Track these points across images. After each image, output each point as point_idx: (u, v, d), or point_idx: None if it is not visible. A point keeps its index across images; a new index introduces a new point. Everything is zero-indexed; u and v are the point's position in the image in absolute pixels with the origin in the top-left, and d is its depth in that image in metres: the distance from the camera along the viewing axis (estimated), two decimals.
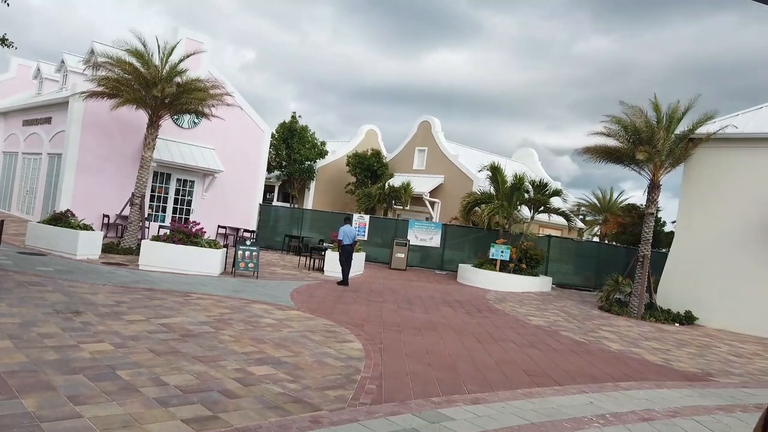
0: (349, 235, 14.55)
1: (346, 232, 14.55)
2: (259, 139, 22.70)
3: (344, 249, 14.49)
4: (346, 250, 14.48)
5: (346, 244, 14.48)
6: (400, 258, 20.17)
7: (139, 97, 15.29)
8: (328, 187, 33.04)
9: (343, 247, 14.50)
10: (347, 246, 14.49)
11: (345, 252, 14.47)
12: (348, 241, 14.50)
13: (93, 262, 13.22)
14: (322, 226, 22.34)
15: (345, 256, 14.48)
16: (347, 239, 14.49)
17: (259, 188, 22.92)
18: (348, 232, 14.58)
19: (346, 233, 14.53)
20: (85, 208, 18.02)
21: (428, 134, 31.72)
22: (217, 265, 13.64)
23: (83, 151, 17.94)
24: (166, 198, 20.21)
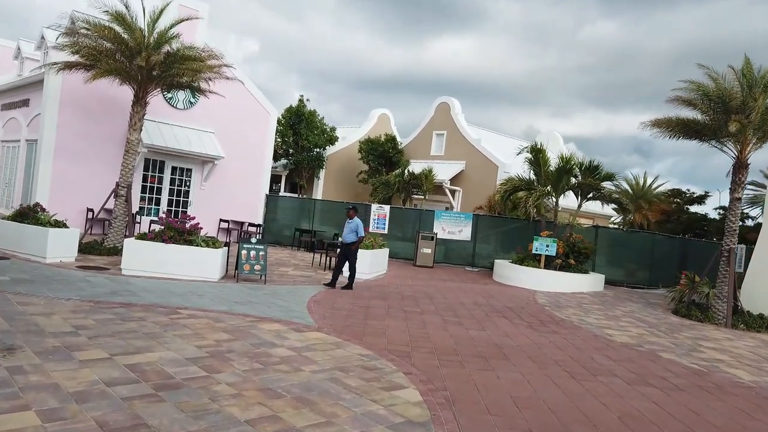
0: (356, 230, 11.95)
1: (354, 227, 11.89)
2: (264, 122, 20.22)
3: (347, 247, 11.86)
4: (347, 248, 11.88)
5: (349, 242, 11.84)
6: (426, 254, 17.74)
7: (120, 67, 12.83)
8: (338, 176, 30.62)
9: (347, 246, 11.88)
10: (350, 244, 11.86)
11: (352, 251, 11.85)
12: (353, 238, 11.86)
13: (66, 267, 10.86)
14: (335, 218, 19.89)
15: (353, 257, 11.93)
16: (354, 235, 11.87)
17: (265, 176, 20.48)
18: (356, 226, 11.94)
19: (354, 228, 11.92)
20: (65, 200, 15.65)
21: (447, 117, 29.20)
22: (216, 268, 11.25)
23: (62, 135, 15.54)
24: (160, 189, 17.82)
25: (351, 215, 12.06)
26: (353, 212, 12.10)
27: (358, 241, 11.89)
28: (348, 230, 11.94)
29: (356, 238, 11.84)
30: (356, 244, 11.89)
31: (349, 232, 11.89)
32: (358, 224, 11.90)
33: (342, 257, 12.02)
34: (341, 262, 12.06)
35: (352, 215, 12.04)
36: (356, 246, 11.90)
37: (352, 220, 11.94)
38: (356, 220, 11.93)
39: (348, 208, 12.43)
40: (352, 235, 11.86)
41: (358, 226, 11.88)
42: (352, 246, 11.83)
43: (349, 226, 11.95)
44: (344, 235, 11.98)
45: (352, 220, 11.94)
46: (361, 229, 11.87)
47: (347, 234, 11.92)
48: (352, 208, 12.26)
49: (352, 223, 11.93)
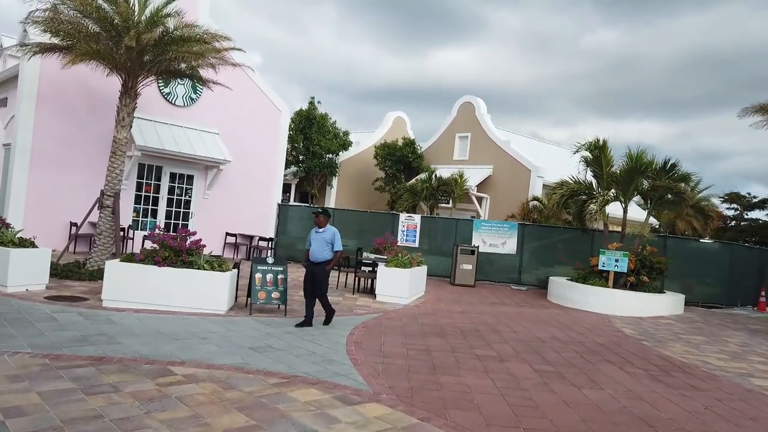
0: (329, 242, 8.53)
1: (330, 238, 8.52)
2: (275, 121, 17.85)
3: (317, 267, 8.45)
4: (318, 268, 8.44)
5: (321, 261, 8.44)
6: (466, 271, 15.23)
7: (103, 50, 10.46)
8: (352, 184, 28.23)
9: (316, 265, 8.45)
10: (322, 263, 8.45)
11: (323, 273, 8.44)
12: (327, 255, 8.48)
13: (31, 298, 8.42)
14: (357, 230, 17.45)
15: (324, 281, 8.51)
16: (328, 250, 8.51)
17: (277, 183, 18.07)
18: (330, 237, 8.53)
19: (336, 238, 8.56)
20: (44, 213, 13.27)
21: (471, 118, 26.84)
22: (223, 298, 8.80)
23: (40, 137, 13.18)
24: (157, 199, 15.41)
25: (321, 222, 8.45)
26: (324, 218, 8.47)
27: (334, 258, 8.45)
28: (318, 243, 8.37)
29: (331, 255, 8.42)
30: (332, 263, 8.42)
31: (322, 245, 8.34)
32: (334, 234, 8.45)
33: (309, 283, 8.45)
34: (310, 289, 8.46)
35: (322, 222, 8.44)
36: (331, 266, 8.44)
37: (323, 229, 8.43)
38: (330, 228, 8.52)
39: (317, 212, 8.60)
40: (326, 250, 8.36)
41: (334, 237, 8.43)
42: (327, 265, 8.39)
43: (319, 237, 8.39)
44: (313, 251, 8.44)
45: (324, 228, 8.44)
46: (338, 241, 8.45)
47: (318, 249, 8.38)
48: (322, 212, 8.55)
49: (324, 232, 8.41)
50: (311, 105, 26.69)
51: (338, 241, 8.53)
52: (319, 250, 8.42)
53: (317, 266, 8.42)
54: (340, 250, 8.57)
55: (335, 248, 8.51)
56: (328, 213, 8.67)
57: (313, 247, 8.49)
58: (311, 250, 8.51)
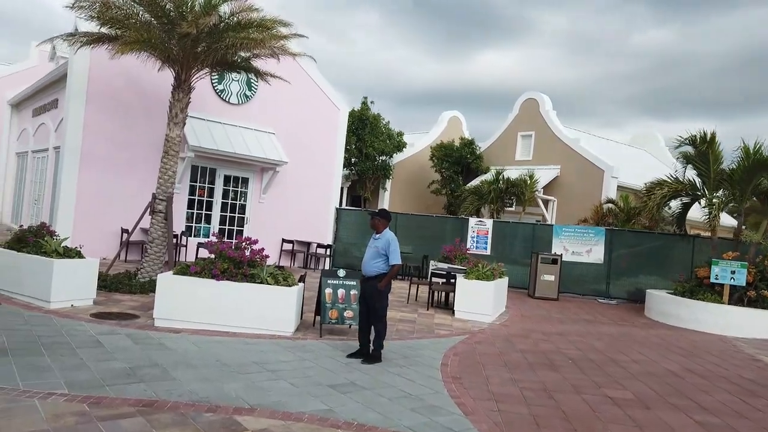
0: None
1: (383, 247, 6.66)
2: (333, 120, 16.70)
3: (371, 284, 6.71)
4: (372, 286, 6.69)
5: (374, 275, 6.69)
6: (548, 282, 13.60)
7: (154, 37, 9.46)
8: (406, 187, 26.92)
9: (370, 281, 6.72)
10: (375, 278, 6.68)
11: (380, 293, 6.65)
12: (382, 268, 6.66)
13: (76, 315, 7.42)
14: (421, 236, 16.06)
15: (383, 303, 6.74)
16: (382, 263, 6.66)
17: (335, 186, 16.90)
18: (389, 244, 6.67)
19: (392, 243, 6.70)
20: (94, 219, 12.47)
21: (535, 115, 25.10)
22: (290, 317, 7.58)
23: (89, 137, 12.38)
24: (211, 203, 14.46)
25: (377, 226, 6.77)
26: (380, 221, 6.76)
27: (388, 274, 6.62)
28: (371, 252, 6.70)
29: (386, 268, 6.62)
30: (385, 279, 6.61)
31: (374, 255, 6.64)
32: (389, 242, 6.58)
33: (363, 303, 6.84)
34: (364, 310, 6.84)
35: (378, 226, 6.75)
36: (384, 283, 6.60)
37: (378, 236, 6.73)
38: (386, 234, 6.68)
39: (373, 213, 7.04)
40: (378, 261, 6.60)
41: (389, 246, 6.58)
42: (381, 283, 6.62)
43: (373, 245, 6.72)
44: (364, 262, 6.78)
45: (379, 235, 6.74)
46: (394, 251, 6.55)
47: (369, 259, 6.70)
48: (378, 214, 6.88)
49: (378, 239, 6.69)
50: (364, 105, 25.52)
51: (395, 251, 6.55)
52: (369, 262, 6.66)
53: (368, 282, 6.70)
54: (396, 263, 6.54)
55: (391, 260, 6.54)
56: (386, 215, 6.92)
57: (365, 257, 6.80)
58: (363, 260, 6.84)
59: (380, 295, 6.59)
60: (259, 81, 14.46)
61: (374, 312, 6.63)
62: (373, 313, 6.63)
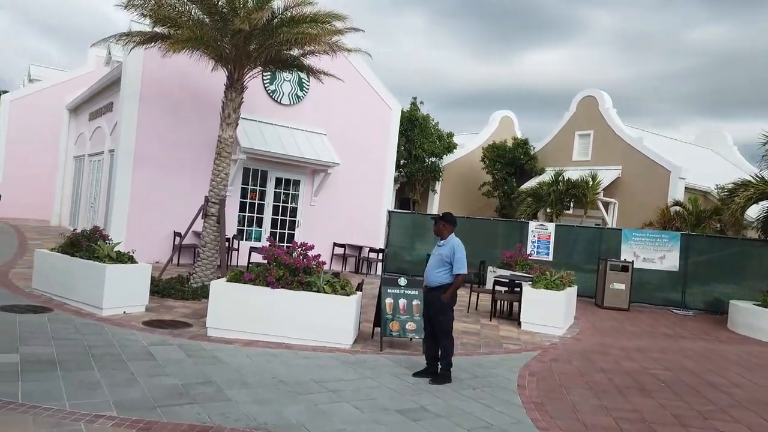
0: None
1: (448, 254, 6.01)
2: (386, 120, 16.20)
3: (434, 295, 6.07)
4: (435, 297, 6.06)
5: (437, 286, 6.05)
6: (618, 291, 12.64)
7: (206, 35, 9.16)
8: (456, 189, 26.18)
9: (433, 291, 6.09)
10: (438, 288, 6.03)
11: (445, 305, 5.99)
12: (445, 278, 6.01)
13: (128, 323, 7.12)
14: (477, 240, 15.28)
15: (448, 316, 6.06)
16: (445, 272, 6.01)
17: (387, 188, 16.39)
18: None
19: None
20: (147, 222, 12.35)
21: (594, 113, 23.94)
22: (349, 328, 7.07)
23: (142, 139, 12.27)
24: (262, 206, 14.18)
25: (441, 231, 6.12)
26: (444, 226, 6.11)
27: (453, 284, 5.95)
28: (434, 261, 6.07)
29: (451, 278, 5.97)
30: (449, 291, 5.93)
31: (437, 264, 6.01)
32: (454, 249, 5.92)
33: (427, 318, 6.19)
34: (428, 325, 6.20)
35: (442, 231, 6.11)
36: (449, 295, 5.93)
37: (443, 242, 6.09)
38: (451, 241, 6.02)
39: (435, 218, 6.31)
40: (442, 270, 5.95)
41: (454, 253, 5.90)
42: (445, 295, 5.96)
43: (437, 252, 6.10)
44: (427, 271, 6.16)
45: (444, 241, 6.09)
46: (460, 259, 5.88)
47: (431, 268, 6.07)
48: (441, 218, 6.20)
49: (442, 246, 6.07)
50: (413, 106, 24.93)
51: (460, 259, 5.87)
52: (432, 270, 6.02)
53: (431, 293, 6.06)
54: (462, 273, 5.87)
55: (455, 270, 5.86)
56: (451, 219, 6.18)
57: (427, 266, 6.21)
58: (426, 269, 6.23)
59: (444, 307, 5.97)
60: (311, 81, 14.15)
61: (438, 326, 6.00)
62: (438, 327, 6.01)
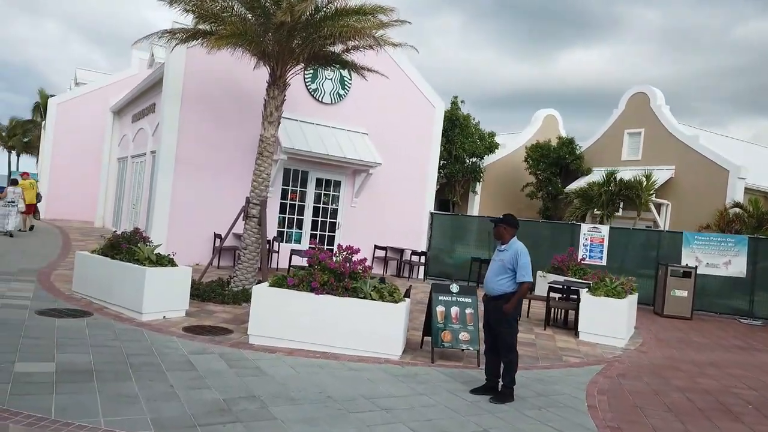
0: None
1: (511, 260, 5.52)
2: (428, 119, 15.70)
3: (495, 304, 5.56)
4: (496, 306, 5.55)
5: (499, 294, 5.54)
6: (679, 298, 11.81)
7: (250, 31, 8.86)
8: (497, 190, 25.47)
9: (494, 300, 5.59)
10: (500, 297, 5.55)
11: (507, 316, 5.47)
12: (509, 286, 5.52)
13: (167, 329, 6.84)
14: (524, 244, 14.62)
15: (511, 329, 5.52)
16: (508, 280, 5.52)
17: (430, 189, 15.88)
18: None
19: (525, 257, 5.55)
20: (187, 224, 12.18)
21: (645, 111, 22.87)
22: (398, 338, 6.62)
23: (184, 139, 12.11)
24: (302, 208, 13.87)
25: (502, 235, 5.63)
26: (506, 229, 5.62)
27: (518, 293, 5.44)
28: (495, 267, 5.56)
29: (513, 287, 5.45)
30: (513, 300, 5.42)
31: (498, 270, 5.51)
32: (517, 254, 5.43)
33: (489, 330, 5.64)
34: (489, 337, 5.66)
35: (504, 235, 5.62)
36: (512, 305, 5.41)
37: (504, 247, 5.60)
38: (514, 245, 5.53)
39: (496, 220, 5.76)
40: (503, 278, 5.47)
41: (517, 259, 5.42)
42: (507, 305, 5.42)
43: (497, 258, 5.61)
44: (487, 279, 5.65)
45: (505, 245, 5.60)
46: (524, 265, 5.40)
47: (492, 275, 5.56)
48: (503, 222, 5.68)
49: (504, 251, 5.57)
50: (454, 105, 24.33)
51: (525, 265, 5.37)
52: (493, 278, 5.50)
53: (492, 303, 5.55)
54: (526, 281, 5.37)
55: (519, 277, 5.36)
56: (513, 222, 5.65)
57: (487, 273, 5.68)
58: (486, 276, 5.72)
59: (507, 318, 5.44)
60: (353, 79, 13.79)
61: (501, 340, 5.46)
62: (500, 341, 5.46)
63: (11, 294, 7.73)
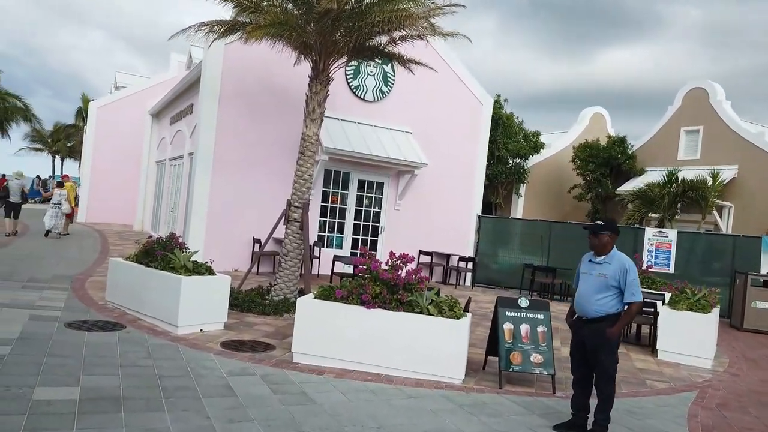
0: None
1: (616, 274, 4.54)
2: (476, 116, 14.85)
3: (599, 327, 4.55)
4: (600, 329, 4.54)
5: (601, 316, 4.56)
6: (762, 311, 10.66)
7: (290, 21, 8.23)
8: (541, 192, 24.38)
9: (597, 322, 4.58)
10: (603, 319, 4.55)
11: (611, 339, 4.52)
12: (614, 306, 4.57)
13: (204, 344, 6.23)
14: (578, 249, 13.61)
15: (613, 355, 4.58)
16: (613, 298, 4.56)
17: (477, 191, 15.00)
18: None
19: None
20: (225, 228, 11.66)
21: (703, 107, 21.43)
22: (460, 359, 5.84)
23: (222, 140, 11.60)
24: (344, 211, 13.21)
25: (606, 245, 4.65)
26: (608, 237, 4.65)
27: (625, 316, 4.59)
28: (592, 283, 4.60)
29: (616, 307, 4.54)
30: (619, 323, 4.55)
31: (598, 287, 4.57)
32: (625, 268, 4.53)
33: (579, 357, 4.74)
34: (580, 366, 4.75)
35: (607, 245, 4.66)
36: (618, 330, 4.55)
37: (602, 258, 4.66)
38: (617, 258, 4.63)
39: (594, 228, 4.72)
40: (606, 297, 4.55)
41: (626, 274, 4.51)
42: (613, 328, 4.51)
43: (595, 272, 4.63)
44: (581, 296, 4.68)
45: (603, 257, 4.65)
46: (634, 282, 4.51)
47: (589, 293, 4.61)
48: (605, 228, 4.65)
49: (604, 264, 4.62)
50: (496, 104, 23.31)
51: (634, 281, 4.47)
52: (592, 296, 4.54)
53: (589, 326, 4.57)
54: (638, 300, 4.50)
55: (627, 297, 4.48)
56: (616, 228, 4.70)
57: (581, 290, 4.67)
58: (578, 294, 4.71)
59: (610, 346, 4.56)
60: (396, 75, 13.09)
61: (600, 370, 4.56)
62: (599, 371, 4.58)
63: (42, 304, 7.28)
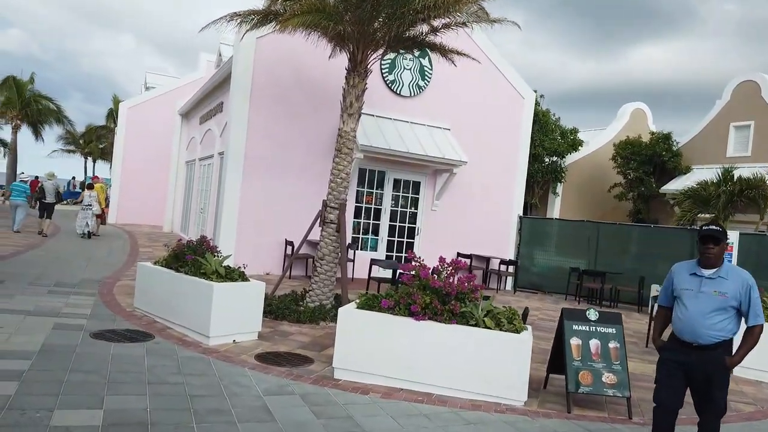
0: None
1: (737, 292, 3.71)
2: (517, 112, 14.13)
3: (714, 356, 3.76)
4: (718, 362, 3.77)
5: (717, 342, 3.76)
6: None
7: (328, 7, 7.69)
8: (579, 191, 23.43)
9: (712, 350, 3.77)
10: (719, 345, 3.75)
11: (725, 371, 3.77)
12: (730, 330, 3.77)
13: (237, 357, 5.72)
14: (627, 251, 12.81)
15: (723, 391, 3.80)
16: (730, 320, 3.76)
17: (519, 190, 14.26)
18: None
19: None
20: (257, 230, 11.21)
21: (755, 101, 20.26)
22: (522, 378, 5.19)
23: (253, 137, 11.14)
24: (379, 212, 12.64)
25: (718, 256, 3.77)
26: (716, 243, 3.74)
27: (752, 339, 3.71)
28: (703, 301, 3.72)
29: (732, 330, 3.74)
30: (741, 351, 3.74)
31: (710, 305, 3.70)
32: (749, 285, 3.71)
33: (675, 388, 3.85)
34: (674, 399, 3.85)
35: (719, 256, 3.78)
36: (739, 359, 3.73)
37: (712, 272, 3.77)
38: (734, 272, 3.79)
39: (707, 235, 3.75)
40: (726, 320, 3.71)
41: (749, 291, 3.69)
42: (734, 357, 3.72)
43: (705, 288, 3.74)
44: (690, 318, 3.75)
45: (715, 270, 3.77)
46: (756, 301, 3.69)
47: (700, 313, 3.71)
48: (719, 235, 3.74)
49: (717, 279, 3.74)
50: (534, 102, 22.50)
51: (758, 301, 3.73)
52: (703, 317, 3.72)
53: (701, 354, 3.75)
54: (761, 323, 3.71)
55: (753, 319, 3.71)
56: (726, 237, 3.83)
57: (691, 310, 3.77)
58: (686, 314, 3.80)
59: (727, 378, 3.80)
60: (433, 69, 12.47)
61: (712, 405, 3.77)
62: (710, 406, 3.79)
63: (68, 311, 6.88)
